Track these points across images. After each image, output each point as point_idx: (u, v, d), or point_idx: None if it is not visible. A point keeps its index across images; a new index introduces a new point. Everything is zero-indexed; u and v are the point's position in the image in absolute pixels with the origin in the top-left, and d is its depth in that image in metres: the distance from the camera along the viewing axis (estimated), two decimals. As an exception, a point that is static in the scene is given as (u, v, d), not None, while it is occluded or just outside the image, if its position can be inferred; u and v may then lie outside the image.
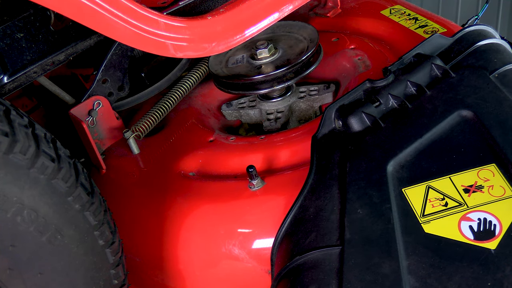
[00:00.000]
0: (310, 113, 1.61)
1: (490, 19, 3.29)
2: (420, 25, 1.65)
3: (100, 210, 1.08)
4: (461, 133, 1.18)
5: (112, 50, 1.53)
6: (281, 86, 1.51)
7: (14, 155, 0.91)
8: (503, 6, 3.28)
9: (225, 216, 1.30)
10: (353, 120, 1.24)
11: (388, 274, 0.97)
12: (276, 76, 1.49)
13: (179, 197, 1.36)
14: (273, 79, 1.49)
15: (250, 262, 1.27)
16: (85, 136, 1.45)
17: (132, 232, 1.37)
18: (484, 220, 1.02)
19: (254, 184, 1.29)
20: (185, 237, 1.31)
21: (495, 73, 1.27)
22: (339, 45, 1.75)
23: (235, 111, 1.67)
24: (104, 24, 0.98)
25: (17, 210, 0.93)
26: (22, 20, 1.22)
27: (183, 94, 1.67)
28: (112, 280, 1.13)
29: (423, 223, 1.04)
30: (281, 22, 1.64)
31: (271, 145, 1.43)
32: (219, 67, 1.60)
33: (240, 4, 1.12)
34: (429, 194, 1.08)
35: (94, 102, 1.50)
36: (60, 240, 1.00)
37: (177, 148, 1.52)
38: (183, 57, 1.09)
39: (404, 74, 1.30)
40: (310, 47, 1.52)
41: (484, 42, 1.35)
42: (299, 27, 1.61)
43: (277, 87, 1.51)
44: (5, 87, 1.24)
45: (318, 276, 1.02)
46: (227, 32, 1.11)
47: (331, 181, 1.15)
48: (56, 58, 1.31)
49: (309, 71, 1.51)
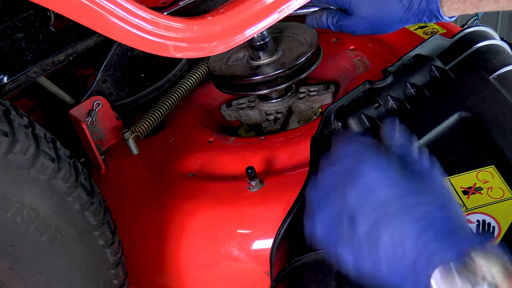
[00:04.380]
0: (309, 114, 1.61)
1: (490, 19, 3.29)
2: (420, 25, 1.65)
3: (100, 210, 1.08)
4: (460, 134, 1.18)
5: (112, 50, 1.53)
6: (269, 90, 1.51)
7: (14, 155, 0.91)
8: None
9: (224, 217, 1.30)
10: (353, 122, 1.24)
11: (388, 275, 0.97)
12: (268, 79, 1.48)
13: (178, 197, 1.36)
14: (265, 82, 1.49)
15: (249, 263, 1.27)
16: (85, 136, 1.45)
17: (131, 232, 1.37)
18: (483, 222, 1.02)
19: (253, 185, 1.29)
20: (184, 238, 1.31)
21: (494, 75, 1.27)
22: (338, 46, 1.76)
23: (234, 112, 1.67)
24: (104, 24, 0.98)
25: (17, 210, 0.93)
26: (22, 20, 1.21)
27: (183, 94, 1.67)
28: (112, 280, 1.14)
29: (423, 224, 1.04)
30: (289, 23, 1.64)
31: (271, 146, 1.43)
32: (218, 64, 1.60)
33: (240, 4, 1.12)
34: (429, 195, 1.09)
35: (94, 102, 1.50)
36: (60, 240, 1.00)
37: (177, 148, 1.52)
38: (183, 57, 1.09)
39: (404, 75, 1.30)
40: (307, 51, 1.51)
41: (483, 43, 1.35)
42: (304, 29, 1.61)
43: (266, 90, 1.51)
44: (5, 87, 1.24)
45: (318, 277, 1.02)
46: (227, 32, 1.11)
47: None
48: (56, 58, 1.31)
49: (302, 76, 1.51)
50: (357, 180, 0.76)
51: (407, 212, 0.71)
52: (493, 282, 0.62)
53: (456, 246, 0.67)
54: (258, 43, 1.50)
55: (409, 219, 0.71)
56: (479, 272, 0.63)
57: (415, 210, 0.71)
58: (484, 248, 0.66)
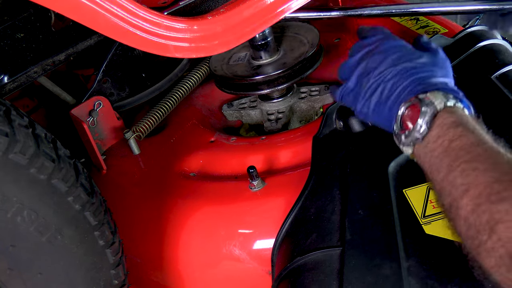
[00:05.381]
0: (311, 114, 1.61)
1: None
2: (422, 25, 1.65)
3: (100, 210, 1.08)
4: (462, 134, 1.17)
5: (112, 50, 1.53)
6: (270, 90, 1.51)
7: (14, 155, 0.91)
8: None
9: (225, 216, 1.30)
10: (354, 121, 1.24)
11: (389, 275, 0.96)
12: (269, 79, 1.48)
13: (180, 197, 1.36)
14: (266, 82, 1.49)
15: (250, 263, 1.27)
16: (86, 136, 1.45)
17: (132, 232, 1.36)
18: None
19: (255, 185, 1.29)
20: (186, 238, 1.31)
21: (496, 74, 1.27)
22: (340, 45, 1.75)
23: (236, 112, 1.67)
24: (104, 24, 0.97)
25: (17, 210, 0.93)
26: (22, 20, 1.21)
27: (184, 94, 1.67)
28: (112, 280, 1.13)
29: (424, 224, 1.04)
30: (291, 23, 1.64)
31: (272, 145, 1.43)
32: (219, 63, 1.60)
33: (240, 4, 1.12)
34: (430, 195, 1.08)
35: (95, 102, 1.50)
36: (60, 240, 1.00)
37: (178, 148, 1.52)
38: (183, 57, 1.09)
39: (405, 75, 1.30)
40: (309, 51, 1.51)
41: (485, 43, 1.35)
42: (305, 29, 1.60)
43: (267, 90, 1.51)
44: (5, 87, 1.24)
45: (319, 277, 1.02)
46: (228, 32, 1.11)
47: (332, 182, 1.15)
48: (56, 58, 1.31)
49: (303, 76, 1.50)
50: (379, 48, 1.00)
51: (403, 69, 0.94)
52: (434, 108, 0.84)
53: (423, 88, 0.89)
54: (259, 43, 1.50)
55: (401, 73, 0.94)
56: (425, 100, 0.86)
57: (410, 70, 0.94)
58: (443, 90, 0.87)
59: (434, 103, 0.85)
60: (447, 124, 0.83)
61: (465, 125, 0.82)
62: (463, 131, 0.81)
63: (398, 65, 0.95)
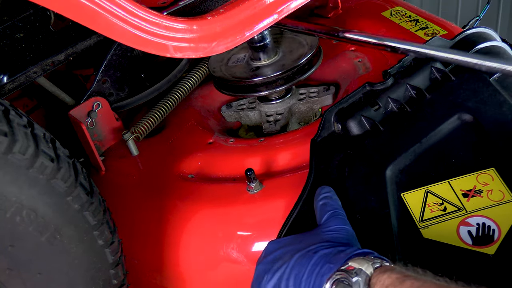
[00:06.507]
0: (309, 115, 1.61)
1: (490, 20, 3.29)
2: (421, 27, 1.65)
3: (100, 210, 1.08)
4: (461, 137, 1.17)
5: (112, 50, 1.53)
6: (269, 92, 1.51)
7: (13, 155, 0.91)
8: (503, 7, 3.29)
9: (223, 219, 1.30)
10: (352, 124, 1.24)
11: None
12: (268, 81, 1.48)
13: (178, 199, 1.36)
14: (265, 83, 1.49)
15: (248, 265, 1.27)
16: (85, 137, 1.45)
17: (131, 233, 1.36)
18: (483, 225, 1.02)
19: (253, 187, 1.29)
20: (184, 240, 1.31)
21: (495, 76, 1.27)
22: (339, 47, 1.75)
23: (234, 113, 1.67)
24: (104, 24, 0.97)
25: (16, 210, 0.93)
26: (22, 20, 1.21)
27: (183, 95, 1.67)
28: (111, 280, 1.13)
29: (422, 228, 1.04)
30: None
31: (270, 147, 1.42)
32: (218, 65, 1.60)
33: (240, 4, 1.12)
34: (428, 198, 1.08)
35: (94, 103, 1.50)
36: (59, 240, 1.00)
37: (176, 150, 1.52)
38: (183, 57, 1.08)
39: (404, 77, 1.30)
40: (308, 53, 1.51)
41: (484, 45, 1.35)
42: None
43: (266, 92, 1.51)
44: (4, 87, 1.24)
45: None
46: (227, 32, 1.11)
47: (330, 185, 1.15)
48: (56, 58, 1.31)
49: (302, 78, 1.50)
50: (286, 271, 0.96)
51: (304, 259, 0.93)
52: (365, 274, 0.82)
53: (339, 261, 0.87)
54: (258, 44, 1.50)
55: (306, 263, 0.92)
56: (351, 270, 0.84)
57: (311, 255, 0.93)
58: (359, 255, 0.86)
59: (362, 269, 0.83)
60: (391, 285, 0.80)
61: (409, 277, 0.79)
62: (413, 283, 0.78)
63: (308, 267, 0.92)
